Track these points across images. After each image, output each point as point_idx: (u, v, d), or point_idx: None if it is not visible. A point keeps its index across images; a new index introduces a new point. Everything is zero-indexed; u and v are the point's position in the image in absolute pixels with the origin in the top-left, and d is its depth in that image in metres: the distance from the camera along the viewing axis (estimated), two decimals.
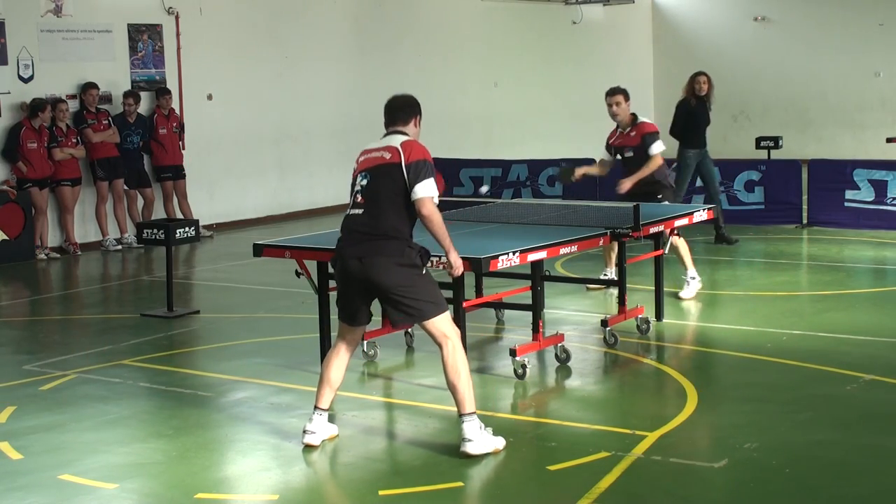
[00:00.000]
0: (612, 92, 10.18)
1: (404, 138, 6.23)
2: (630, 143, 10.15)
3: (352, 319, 6.31)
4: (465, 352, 6.29)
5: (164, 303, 10.27)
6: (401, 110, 6.36)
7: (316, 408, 6.37)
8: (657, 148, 10.03)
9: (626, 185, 10.06)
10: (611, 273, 10.42)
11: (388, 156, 6.15)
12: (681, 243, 9.96)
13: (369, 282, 6.09)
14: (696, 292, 10.12)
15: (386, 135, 6.34)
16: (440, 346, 6.15)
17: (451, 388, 6.11)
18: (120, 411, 7.21)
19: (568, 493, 5.57)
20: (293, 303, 10.42)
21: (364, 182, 6.18)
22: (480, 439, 6.03)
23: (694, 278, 10.15)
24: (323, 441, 6.37)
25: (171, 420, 6.98)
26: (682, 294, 10.07)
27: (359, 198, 6.19)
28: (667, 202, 10.11)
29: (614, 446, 6.17)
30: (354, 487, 5.89)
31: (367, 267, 6.04)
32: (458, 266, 6.40)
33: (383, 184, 6.11)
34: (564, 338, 8.09)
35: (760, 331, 8.92)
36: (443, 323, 6.13)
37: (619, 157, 10.32)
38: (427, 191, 6.06)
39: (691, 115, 13.05)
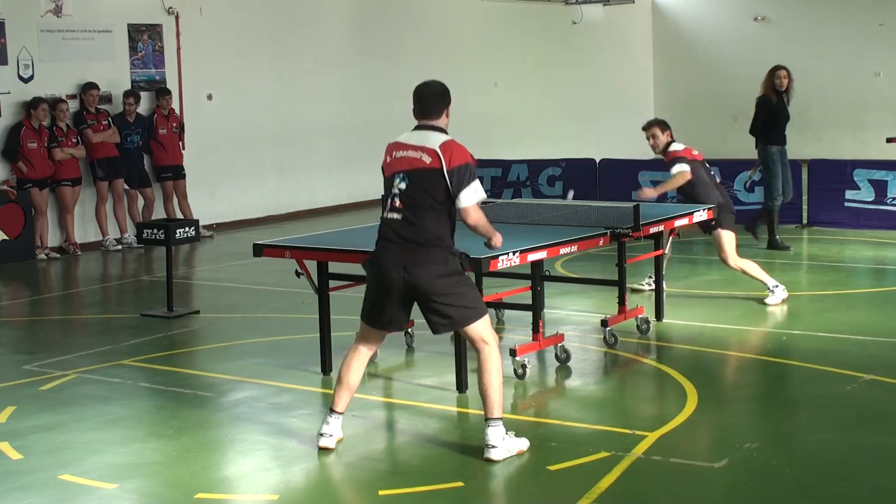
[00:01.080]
0: (647, 126, 10.21)
1: (442, 138, 6.08)
2: (666, 169, 10.12)
3: (383, 324, 6.24)
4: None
5: (164, 303, 10.27)
6: (434, 101, 6.20)
7: (332, 411, 6.31)
8: (675, 169, 9.98)
9: (651, 192, 9.96)
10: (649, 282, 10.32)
11: (427, 159, 6.01)
12: (747, 265, 9.95)
13: (414, 290, 6.05)
14: (782, 299, 9.89)
15: (418, 128, 6.20)
16: (478, 350, 6.14)
17: (483, 391, 6.10)
18: (120, 411, 7.21)
19: (568, 493, 5.57)
20: (293, 303, 10.42)
21: (402, 186, 6.05)
22: (504, 445, 6.03)
23: (777, 286, 9.95)
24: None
25: (171, 420, 6.98)
26: (767, 300, 9.89)
27: (397, 202, 6.07)
28: (722, 227, 9.97)
29: (614, 446, 6.17)
30: (354, 487, 5.89)
31: (412, 276, 5.99)
32: (499, 242, 6.33)
33: (423, 189, 6.00)
34: (564, 338, 8.09)
35: (760, 331, 8.92)
36: (482, 328, 6.12)
37: None
38: (472, 198, 6.00)
39: (773, 112, 12.93)
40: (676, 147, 10.16)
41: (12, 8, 14.04)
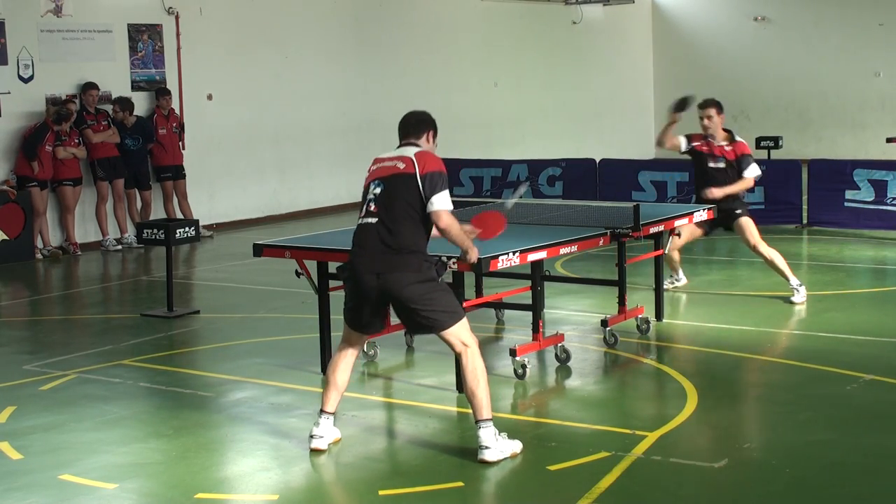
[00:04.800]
0: (706, 104, 10.14)
1: (417, 149, 6.23)
2: (726, 156, 10.03)
3: (362, 328, 6.32)
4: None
5: (164, 303, 10.27)
6: (414, 126, 6.36)
7: (322, 412, 6.33)
8: (752, 172, 9.98)
9: (718, 193, 9.88)
10: (677, 279, 10.44)
11: (402, 165, 6.14)
12: (776, 256, 9.97)
13: (387, 296, 6.10)
14: (805, 297, 9.90)
15: (399, 146, 6.35)
16: (458, 354, 6.17)
17: (470, 394, 6.10)
18: (120, 411, 7.21)
19: (568, 493, 5.57)
20: (293, 303, 10.42)
21: (377, 191, 6.15)
22: (497, 446, 6.03)
23: (801, 285, 9.94)
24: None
25: (171, 420, 6.98)
26: (793, 299, 9.86)
27: (372, 206, 6.16)
28: (745, 216, 10.04)
29: (614, 446, 6.17)
30: (354, 487, 5.89)
31: (385, 282, 6.04)
32: (475, 257, 6.44)
33: (398, 194, 6.09)
34: (564, 338, 8.09)
35: (760, 331, 8.92)
36: (460, 331, 6.13)
37: (708, 164, 10.09)
38: (443, 203, 6.07)
39: None
40: (742, 140, 10.16)
41: (12, 8, 14.04)
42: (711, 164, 10.07)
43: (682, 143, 10.25)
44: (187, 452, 6.37)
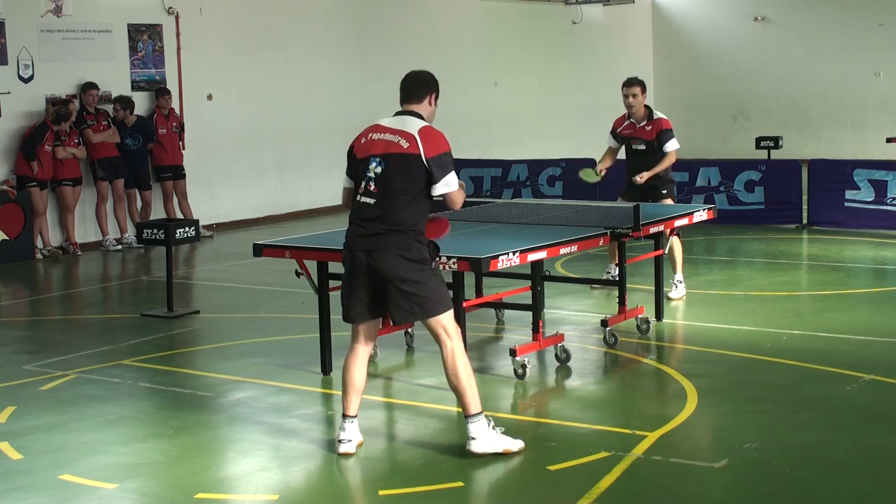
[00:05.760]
0: (630, 83, 10.28)
1: (421, 124, 6.06)
2: (645, 136, 10.23)
3: (353, 315, 6.15)
4: (465, 351, 6.23)
5: (164, 303, 10.27)
6: (415, 86, 6.20)
7: (345, 416, 6.23)
8: (672, 145, 10.15)
9: (645, 176, 10.13)
10: (614, 271, 10.49)
11: (405, 144, 5.96)
12: (676, 244, 10.04)
13: (376, 274, 5.97)
14: (683, 294, 10.15)
15: (399, 113, 6.18)
16: (441, 344, 6.07)
17: (454, 389, 6.05)
18: (120, 411, 7.21)
19: (568, 493, 5.57)
20: (293, 303, 10.42)
21: (378, 170, 5.98)
22: (485, 438, 5.99)
23: (681, 282, 10.17)
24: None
25: (171, 420, 6.98)
26: (671, 294, 10.08)
27: (371, 186, 6.01)
28: (670, 198, 10.19)
29: (614, 446, 6.17)
30: (354, 487, 5.89)
31: (375, 261, 5.94)
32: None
33: (399, 174, 5.94)
34: (564, 338, 8.09)
35: (760, 331, 8.92)
36: (447, 321, 6.04)
37: (631, 146, 10.37)
38: (451, 185, 5.98)
39: None
40: (662, 115, 10.25)
41: (12, 8, 14.04)
42: (634, 147, 10.31)
43: (610, 140, 10.40)
44: (187, 452, 6.37)
